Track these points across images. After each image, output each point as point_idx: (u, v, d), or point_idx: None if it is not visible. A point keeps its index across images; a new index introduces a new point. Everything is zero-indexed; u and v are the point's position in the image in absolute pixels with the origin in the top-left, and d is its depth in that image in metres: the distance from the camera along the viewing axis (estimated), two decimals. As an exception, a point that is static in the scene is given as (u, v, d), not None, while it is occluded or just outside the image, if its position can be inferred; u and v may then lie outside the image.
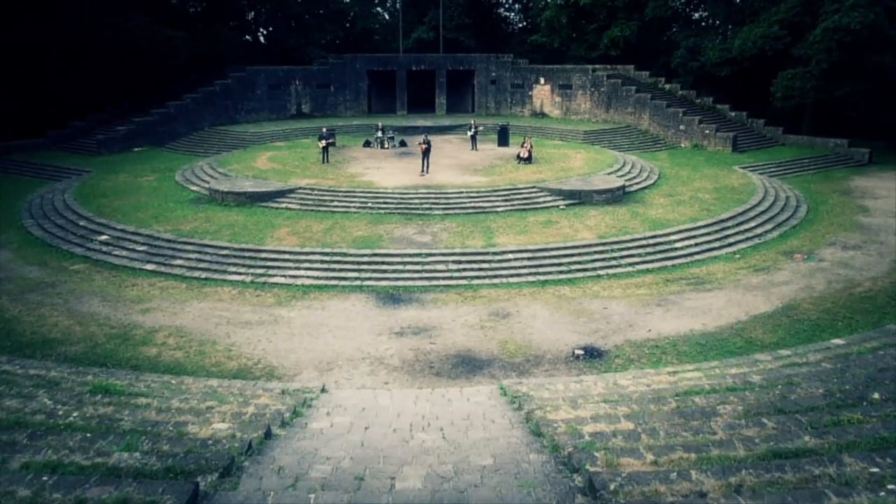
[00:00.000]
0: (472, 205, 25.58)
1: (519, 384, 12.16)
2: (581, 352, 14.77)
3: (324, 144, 32.06)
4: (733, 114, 45.80)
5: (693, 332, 15.80)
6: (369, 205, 25.55)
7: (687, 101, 46.74)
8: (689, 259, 21.29)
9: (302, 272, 19.71)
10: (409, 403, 11.25)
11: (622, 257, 20.97)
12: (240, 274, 19.75)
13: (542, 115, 49.78)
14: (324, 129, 33.49)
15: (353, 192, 26.61)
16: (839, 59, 38.54)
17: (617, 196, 27.21)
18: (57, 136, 41.99)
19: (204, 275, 19.78)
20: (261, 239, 21.93)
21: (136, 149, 41.04)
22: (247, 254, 20.79)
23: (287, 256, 20.52)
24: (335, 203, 25.83)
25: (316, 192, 26.80)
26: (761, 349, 14.61)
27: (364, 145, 38.25)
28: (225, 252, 20.97)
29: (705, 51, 46.54)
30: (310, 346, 15.24)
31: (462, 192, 26.44)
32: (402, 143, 38.47)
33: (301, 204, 25.97)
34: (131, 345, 15.13)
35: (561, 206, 25.92)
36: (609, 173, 30.38)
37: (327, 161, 32.33)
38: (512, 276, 19.57)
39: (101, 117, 43.67)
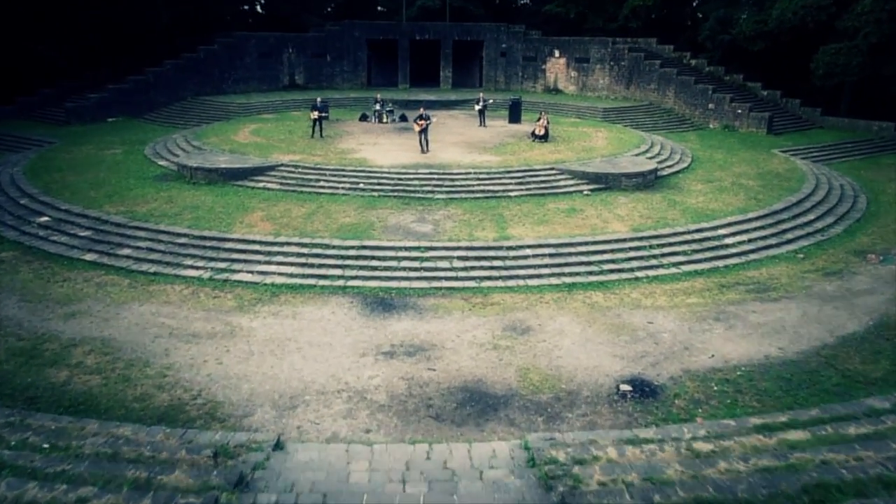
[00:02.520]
0: (482, 188, 21.86)
1: (551, 443, 8.56)
2: (628, 387, 11.16)
3: (316, 116, 28.27)
4: (765, 93, 41.80)
5: (769, 360, 12.17)
6: (361, 186, 21.85)
7: (715, 77, 42.69)
8: (743, 259, 17.61)
9: (273, 268, 16.07)
10: (395, 475, 7.72)
11: (663, 255, 17.29)
12: (197, 268, 16.12)
13: (556, 90, 45.80)
14: (318, 100, 29.66)
15: (343, 170, 22.89)
16: (891, 31, 34.50)
17: (649, 181, 23.47)
18: (26, 104, 38.20)
19: (153, 268, 16.14)
20: (228, 225, 18.26)
21: (109, 119, 37.26)
22: (209, 243, 17.15)
23: (257, 247, 16.87)
24: (321, 183, 22.13)
25: (300, 169, 23.08)
26: (867, 387, 11.03)
27: (360, 119, 34.45)
28: (183, 240, 17.32)
29: (737, 23, 42.41)
30: (271, 370, 11.64)
31: (469, 173, 22.71)
32: (403, 118, 34.65)
33: (281, 183, 22.27)
34: (37, 365, 11.54)
35: (585, 192, 22.19)
36: (636, 155, 26.61)
37: (319, 135, 28.57)
38: (531, 277, 15.93)
39: (74, 85, 39.74)
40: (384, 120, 33.80)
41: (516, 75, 47.16)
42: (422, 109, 25.97)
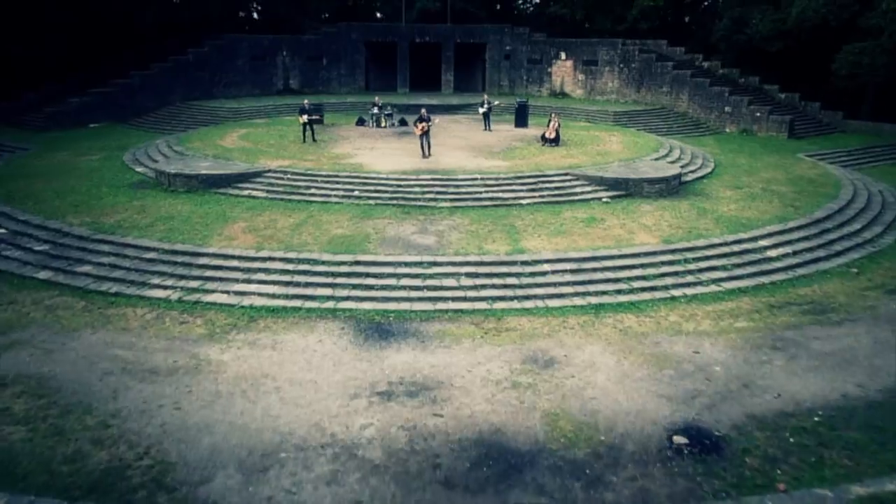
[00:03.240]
0: (490, 195, 19.73)
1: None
2: (683, 440, 8.98)
3: (305, 120, 26.19)
4: (783, 95, 39.70)
5: (849, 401, 9.99)
6: (356, 193, 19.72)
7: (729, 80, 40.64)
8: (790, 274, 15.44)
9: (253, 287, 13.91)
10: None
11: (700, 271, 15.12)
12: (165, 288, 13.96)
13: (563, 94, 43.79)
14: (305, 102, 27.60)
15: (337, 176, 20.77)
16: (920, 29, 32.47)
17: (673, 187, 21.34)
18: (8, 109, 36.06)
19: (115, 288, 13.98)
20: (205, 237, 16.11)
21: (92, 125, 35.18)
22: (180, 258, 14.99)
23: (235, 263, 14.71)
24: (312, 190, 20.00)
25: (289, 175, 20.96)
26: (982, 440, 8.82)
27: (357, 123, 32.38)
28: (151, 255, 15.16)
29: (753, 22, 40.43)
30: (240, 417, 9.46)
31: (476, 179, 20.58)
32: (402, 122, 32.59)
33: (268, 191, 20.15)
34: (-50, 413, 9.36)
35: (604, 199, 20.06)
36: (655, 159, 24.50)
37: (311, 140, 26.50)
38: (551, 297, 13.76)
39: (58, 89, 37.70)
40: (383, 124, 31.74)
41: (521, 79, 45.16)
42: (423, 111, 23.89)
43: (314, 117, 26.85)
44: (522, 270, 14.49)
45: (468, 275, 14.30)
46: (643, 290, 14.19)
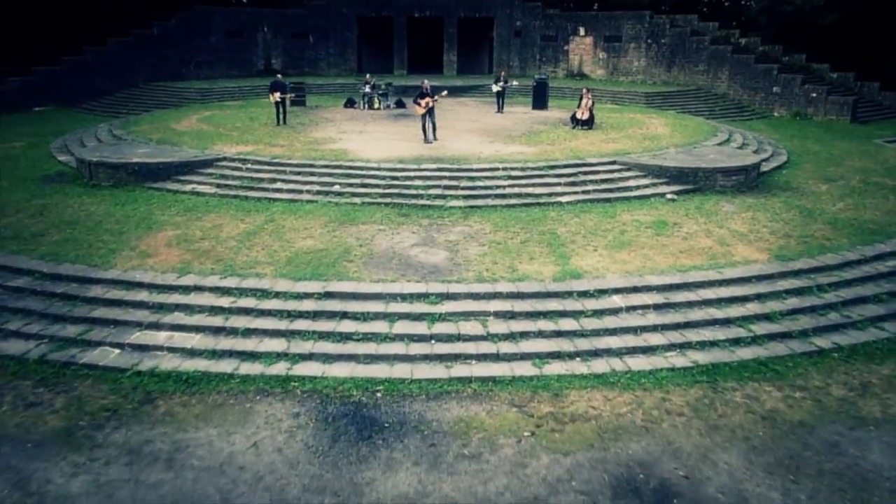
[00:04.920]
0: (517, 191, 14.65)
1: None
2: None
3: (278, 98, 21.07)
4: (835, 75, 34.55)
5: None
6: (336, 188, 14.65)
7: (771, 58, 35.56)
8: (972, 306, 10.40)
9: (161, 337, 8.84)
10: None
11: (846, 304, 10.06)
12: (26, 337, 8.89)
13: (582, 75, 38.62)
14: (278, 77, 22.42)
15: (312, 166, 15.67)
16: None
17: (752, 179, 16.30)
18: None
19: (-54, 338, 8.91)
20: (109, 254, 11.01)
21: (37, 108, 30.05)
22: (62, 287, 9.89)
23: (142, 296, 9.61)
24: (277, 184, 14.92)
25: (249, 165, 15.88)
26: None
27: (346, 105, 27.27)
28: (20, 282, 10.06)
29: (802, -9, 35.27)
30: None
31: (497, 169, 15.50)
32: (400, 104, 27.51)
33: (219, 185, 15.07)
34: None
35: (668, 195, 15.00)
36: (717, 145, 19.46)
37: (283, 122, 21.43)
38: (633, 352, 8.71)
39: (4, 68, 32.47)
40: (376, 105, 26.63)
41: (533, 58, 39.95)
42: (424, 82, 18.76)
43: (292, 96, 21.72)
44: (582, 307, 9.42)
45: (500, 315, 9.24)
46: (772, 337, 9.15)
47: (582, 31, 38.45)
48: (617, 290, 9.83)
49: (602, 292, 9.77)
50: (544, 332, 8.92)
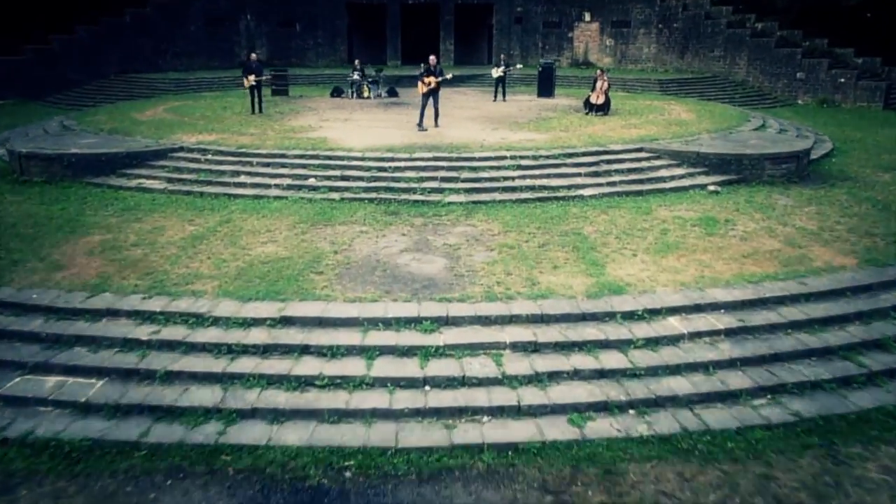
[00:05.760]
0: (528, 182, 12.15)
1: None
2: None
3: (253, 81, 18.58)
4: (860, 60, 32.06)
5: None
6: (311, 181, 12.15)
7: (790, 43, 33.10)
8: None
9: (50, 383, 6.33)
10: None
11: (973, 324, 7.58)
12: None
13: (587, 63, 36.13)
14: (253, 56, 19.91)
15: (284, 155, 13.16)
16: None
17: (802, 167, 13.83)
18: None
19: None
20: (9, 266, 8.49)
21: (-3, 102, 27.54)
22: (-68, 313, 7.39)
23: (36, 325, 7.11)
24: (241, 178, 12.43)
25: (209, 155, 13.39)
26: None
27: (332, 94, 24.79)
28: None
29: (824, -30, 32.82)
30: None
31: (504, 158, 13.02)
32: (392, 93, 25.07)
33: (171, 179, 12.57)
34: None
35: (710, 187, 12.52)
36: (754, 130, 17.02)
37: (259, 110, 18.97)
38: (704, 401, 6.22)
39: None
40: (366, 94, 24.14)
41: (535, 46, 37.45)
42: (431, 58, 16.24)
43: (265, 77, 19.21)
44: (630, 334, 6.94)
45: (519, 348, 6.75)
46: (893, 374, 6.68)
47: (587, 17, 35.99)
48: (673, 310, 7.35)
49: (654, 313, 7.28)
50: (581, 373, 6.43)
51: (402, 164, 12.66)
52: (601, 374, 6.44)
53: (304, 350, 6.67)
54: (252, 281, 7.92)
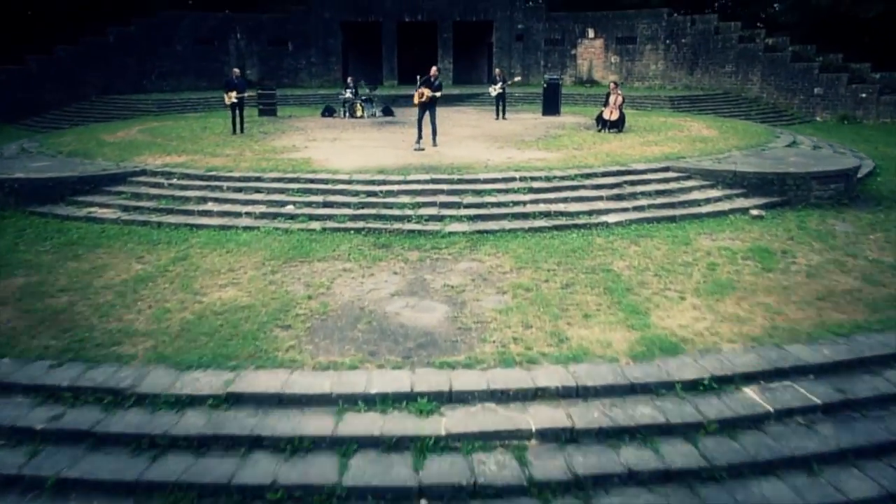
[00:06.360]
0: (542, 207, 10.41)
1: None
2: None
3: (234, 98, 16.99)
4: (877, 75, 30.64)
5: None
6: (289, 208, 10.42)
7: (803, 58, 31.70)
8: None
9: None
10: None
11: None
12: None
13: (591, 81, 34.69)
14: (235, 72, 18.34)
15: (259, 179, 11.45)
16: None
17: (851, 188, 12.12)
18: None
19: None
20: None
21: (-33, 125, 25.96)
22: None
23: None
24: (208, 204, 10.71)
25: (175, 179, 11.67)
26: None
27: (323, 114, 23.24)
28: None
29: (838, -18, 31.48)
30: None
31: (513, 179, 11.30)
32: (387, 111, 23.53)
33: (128, 208, 10.84)
34: None
35: (753, 211, 10.78)
36: (786, 146, 15.37)
37: (241, 130, 17.36)
38: (820, 517, 4.41)
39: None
40: (359, 114, 22.53)
41: (537, 64, 36.01)
42: (433, 70, 14.64)
43: (247, 94, 17.58)
44: (696, 413, 5.13)
45: (548, 437, 4.94)
46: None
47: (591, 34, 34.62)
48: (749, 377, 5.56)
49: (724, 381, 5.49)
50: (639, 476, 4.62)
51: (396, 187, 10.94)
52: (667, 476, 4.63)
53: (255, 443, 4.86)
54: (197, 340, 6.13)
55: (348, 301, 7.20)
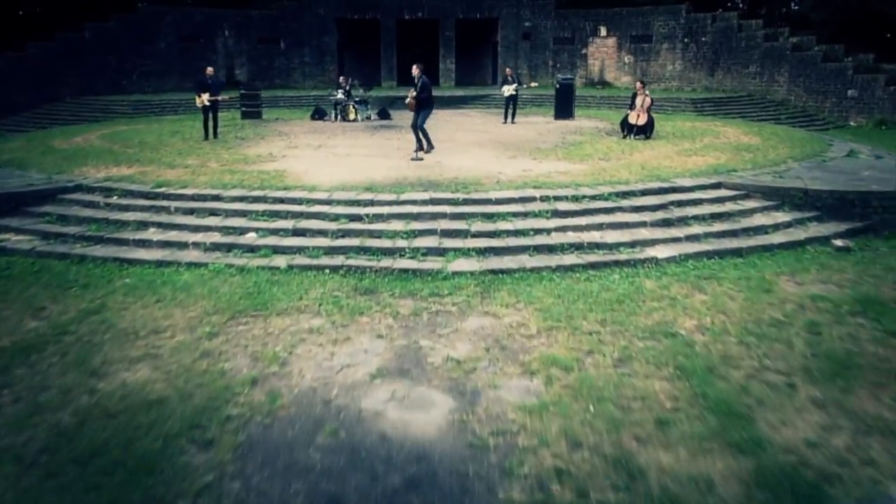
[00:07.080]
0: (572, 237, 8.17)
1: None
2: None
3: (206, 101, 14.78)
4: (913, 77, 28.49)
5: None
6: (250, 237, 8.18)
7: (831, 59, 29.47)
8: None
9: None
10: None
11: None
12: None
13: (603, 83, 32.49)
14: (208, 71, 16.01)
15: (218, 197, 9.22)
16: None
17: (945, 210, 9.88)
18: None
19: None
20: None
21: (-74, 128, 23.78)
22: None
23: None
24: (150, 230, 8.46)
25: (115, 197, 9.45)
26: None
27: (313, 117, 21.03)
28: None
29: (870, -23, 29.31)
30: None
31: (532, 199, 9.06)
32: (384, 114, 21.29)
33: (47, 234, 8.60)
34: None
35: (837, 242, 8.54)
36: (846, 156, 13.14)
37: (214, 135, 15.17)
38: None
39: None
40: (352, 116, 20.31)
41: (545, 64, 33.81)
42: (414, 69, 12.49)
43: (221, 97, 15.33)
44: None
45: None
46: None
47: (603, 32, 32.41)
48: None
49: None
50: None
51: (386, 209, 8.71)
52: None
53: None
54: (57, 473, 3.89)
55: (309, 388, 4.98)
